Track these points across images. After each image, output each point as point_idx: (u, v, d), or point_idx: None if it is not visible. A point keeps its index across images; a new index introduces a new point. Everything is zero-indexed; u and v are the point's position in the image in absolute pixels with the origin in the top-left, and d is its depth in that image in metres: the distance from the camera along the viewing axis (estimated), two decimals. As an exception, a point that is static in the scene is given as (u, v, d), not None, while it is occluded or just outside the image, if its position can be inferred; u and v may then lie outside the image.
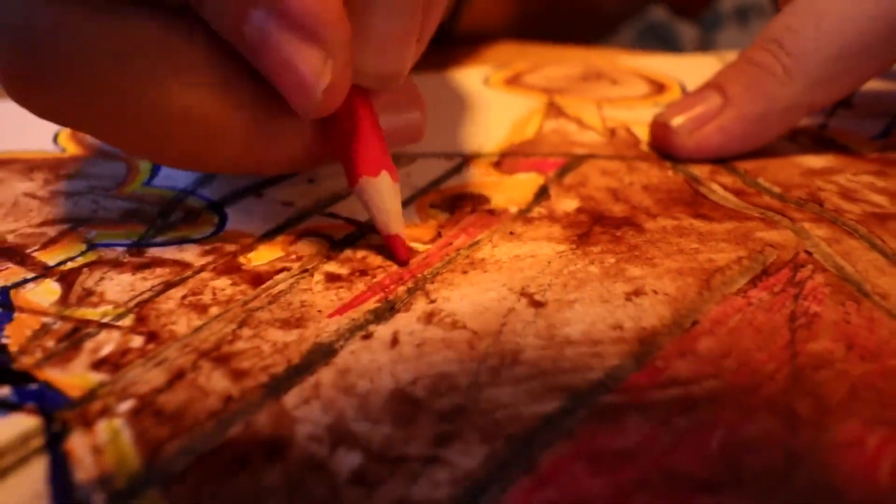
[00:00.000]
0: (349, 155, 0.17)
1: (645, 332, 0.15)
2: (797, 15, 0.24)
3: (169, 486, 0.11)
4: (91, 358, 0.15)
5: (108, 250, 0.19)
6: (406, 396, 0.13)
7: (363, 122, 0.17)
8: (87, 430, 0.13)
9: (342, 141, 0.17)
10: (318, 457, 0.12)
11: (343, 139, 0.17)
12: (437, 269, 0.18)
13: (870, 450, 0.12)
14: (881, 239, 0.19)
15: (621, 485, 0.11)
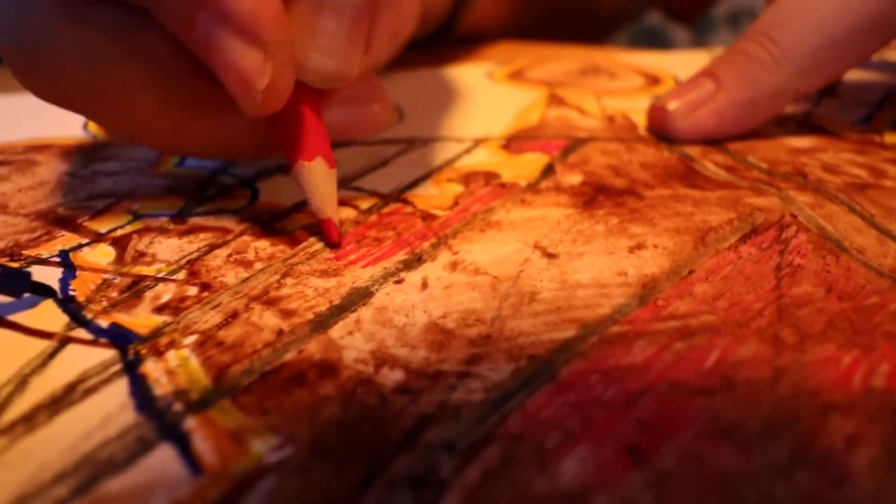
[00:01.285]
0: (288, 142, 0.19)
1: (647, 278, 0.17)
2: (784, 10, 0.26)
3: (237, 397, 0.14)
4: (152, 304, 0.17)
5: (152, 220, 0.21)
6: (438, 327, 0.15)
7: (302, 111, 0.19)
8: (158, 358, 0.15)
9: (283, 129, 0.19)
10: (365, 374, 0.14)
11: (283, 127, 0.19)
12: (456, 228, 0.20)
13: (844, 365, 0.14)
14: (860, 204, 0.21)
15: (629, 391, 0.13)
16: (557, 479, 0.11)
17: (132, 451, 0.12)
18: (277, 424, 0.13)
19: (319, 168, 0.19)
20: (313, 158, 0.19)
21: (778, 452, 0.12)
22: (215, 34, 0.16)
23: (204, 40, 0.16)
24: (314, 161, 0.19)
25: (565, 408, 0.13)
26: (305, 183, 0.19)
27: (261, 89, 0.17)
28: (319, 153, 0.19)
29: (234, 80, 0.17)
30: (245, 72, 0.16)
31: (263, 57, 0.16)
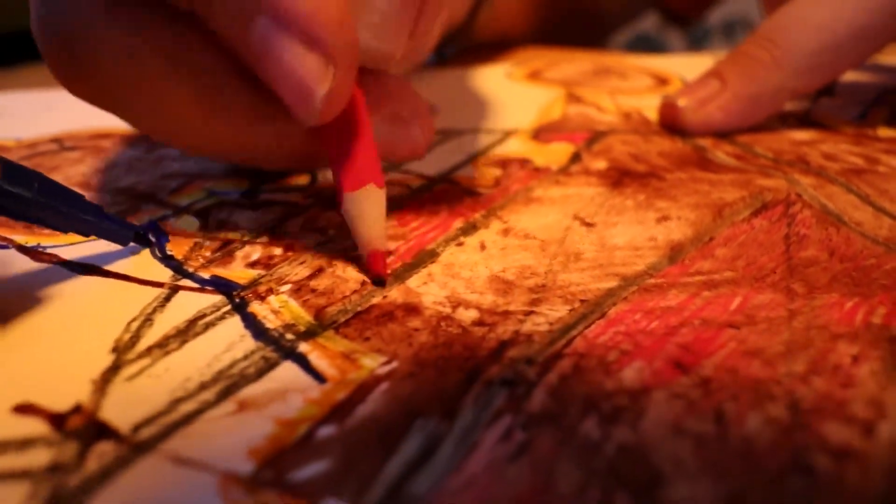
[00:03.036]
0: (334, 162, 0.18)
1: (674, 242, 0.20)
2: (785, 17, 0.29)
3: (338, 329, 0.16)
4: (244, 261, 0.20)
5: (224, 196, 0.24)
6: (500, 279, 0.18)
7: (357, 133, 0.18)
8: (261, 301, 0.18)
9: (332, 153, 0.19)
10: (444, 312, 0.17)
11: (333, 152, 0.18)
12: (502, 203, 0.23)
13: (848, 308, 0.17)
14: (857, 186, 0.24)
15: (669, 324, 0.16)
16: (621, 381, 0.14)
17: (260, 367, 0.15)
18: (379, 347, 0.15)
19: (373, 197, 0.18)
20: (361, 187, 0.18)
21: (797, 366, 0.15)
22: (273, 39, 0.15)
23: (260, 46, 0.16)
24: (362, 190, 0.18)
25: (618, 336, 0.16)
26: (356, 214, 0.18)
27: (321, 97, 0.16)
28: (369, 179, 0.18)
29: (291, 87, 0.16)
30: (305, 79, 0.16)
31: (325, 62, 0.16)
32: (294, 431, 0.13)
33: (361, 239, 0.18)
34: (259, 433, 0.13)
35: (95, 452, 0.13)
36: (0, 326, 0.16)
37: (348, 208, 0.18)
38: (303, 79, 0.16)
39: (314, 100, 0.16)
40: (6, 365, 0.15)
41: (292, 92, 0.16)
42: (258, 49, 0.16)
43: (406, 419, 0.13)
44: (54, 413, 0.14)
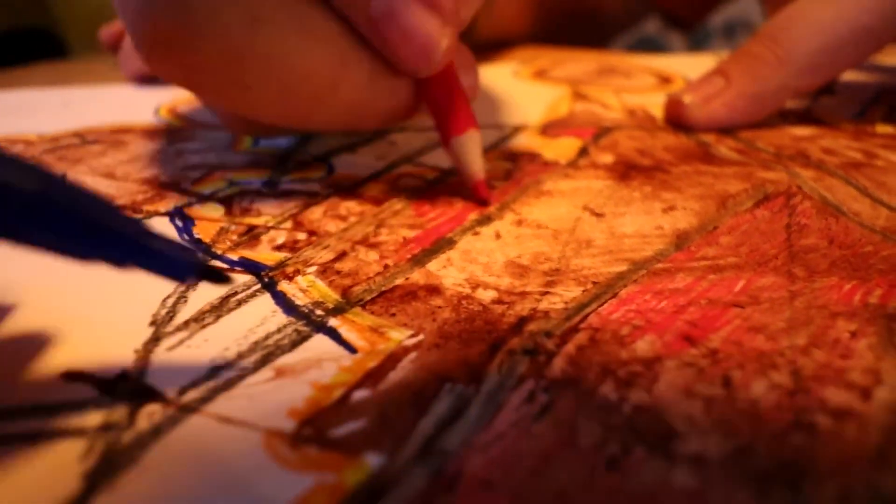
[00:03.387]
0: (442, 118, 0.22)
1: (680, 231, 0.22)
2: (788, 18, 0.31)
3: (365, 306, 0.18)
4: (270, 245, 0.21)
5: (246, 185, 0.25)
6: (515, 264, 0.20)
7: (454, 87, 0.22)
8: (289, 281, 0.19)
9: (437, 104, 0.22)
10: (464, 292, 0.18)
11: (437, 102, 0.22)
12: (514, 196, 0.24)
13: (846, 290, 0.19)
14: (855, 179, 0.26)
15: (677, 304, 0.18)
16: (635, 351, 0.15)
17: (293, 339, 0.16)
18: (405, 322, 0.17)
19: (471, 139, 0.22)
20: (465, 131, 0.22)
21: (798, 339, 0.16)
22: (399, 5, 0.19)
23: (384, 10, 0.19)
24: (466, 133, 0.22)
25: (629, 313, 0.17)
26: (466, 152, 0.22)
27: (442, 50, 0.20)
28: (470, 125, 0.22)
29: (415, 45, 0.20)
30: (429, 37, 0.19)
31: (443, 23, 0.19)
32: (330, 395, 0.14)
33: (468, 172, 0.23)
34: (297, 396, 0.14)
35: (144, 413, 0.14)
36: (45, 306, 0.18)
37: (456, 149, 0.22)
38: (429, 35, 0.19)
39: (437, 53, 0.20)
40: (54, 338, 0.16)
41: (417, 47, 0.20)
42: (381, 14, 0.19)
43: (435, 384, 0.14)
44: (102, 379, 0.15)
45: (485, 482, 0.12)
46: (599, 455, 0.12)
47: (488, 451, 0.12)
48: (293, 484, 0.12)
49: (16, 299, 0.18)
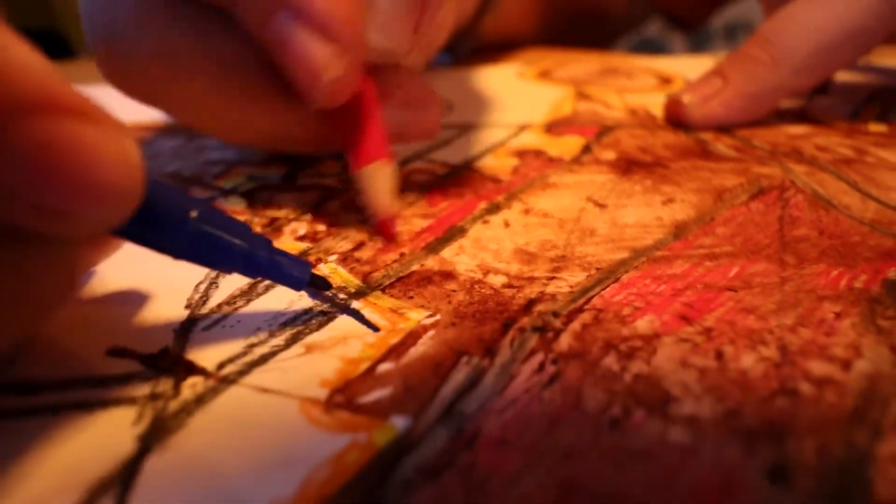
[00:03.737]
0: (348, 142, 0.21)
1: (678, 221, 0.23)
2: (783, 20, 0.32)
3: (384, 290, 0.19)
4: (293, 235, 0.22)
5: (265, 180, 0.26)
6: (524, 251, 0.21)
7: (367, 115, 0.21)
8: (312, 267, 0.20)
9: (343, 127, 0.21)
10: (476, 277, 0.20)
11: (344, 126, 0.21)
12: (521, 188, 0.25)
13: (833, 276, 0.20)
14: (846, 174, 0.27)
15: (675, 287, 0.19)
16: (636, 329, 0.17)
17: (320, 320, 0.18)
18: (423, 304, 0.18)
19: (381, 171, 0.21)
20: (374, 161, 0.21)
21: (787, 319, 0.17)
22: (291, 29, 0.18)
23: (279, 35, 0.18)
24: (374, 165, 0.21)
25: (630, 296, 0.19)
26: (367, 187, 0.21)
27: (328, 81, 0.19)
28: (380, 155, 0.21)
29: (303, 72, 0.19)
30: (315, 65, 0.18)
31: (336, 51, 0.18)
32: (357, 367, 0.16)
33: (372, 206, 0.21)
34: (327, 368, 0.15)
35: (188, 384, 0.15)
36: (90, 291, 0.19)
37: (359, 182, 0.21)
38: (313, 65, 0.18)
39: (322, 84, 0.19)
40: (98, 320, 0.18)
41: (304, 76, 0.19)
42: (277, 38, 0.18)
43: (453, 357, 0.16)
44: (145, 355, 0.16)
45: (500, 440, 0.13)
46: (603, 417, 0.14)
47: (503, 414, 0.14)
48: (330, 442, 0.13)
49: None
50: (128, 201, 0.12)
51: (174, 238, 0.15)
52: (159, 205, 0.14)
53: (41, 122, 0.11)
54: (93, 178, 0.11)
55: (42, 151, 0.11)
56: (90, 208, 0.11)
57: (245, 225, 0.16)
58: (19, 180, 0.10)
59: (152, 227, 0.14)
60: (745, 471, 0.12)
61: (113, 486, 0.13)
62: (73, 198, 0.11)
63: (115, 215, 0.12)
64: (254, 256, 0.16)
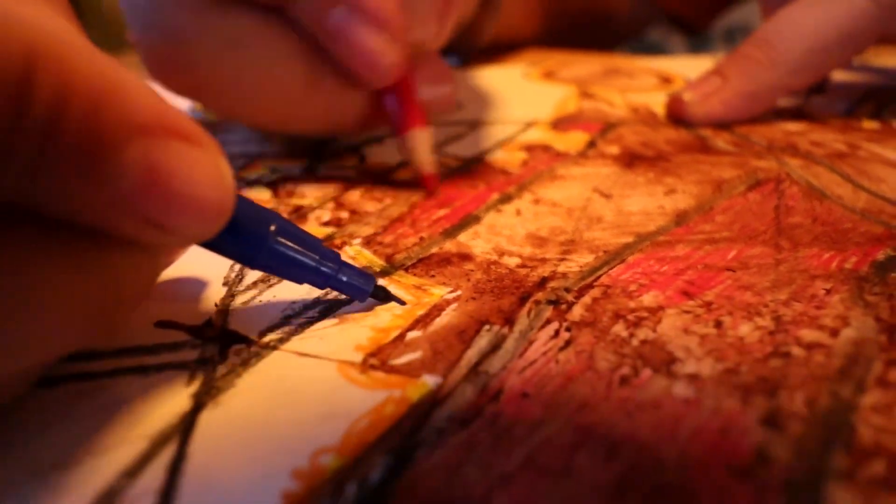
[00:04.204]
0: (396, 114, 0.25)
1: (680, 210, 0.25)
2: (780, 21, 0.34)
3: (407, 269, 0.21)
4: (317, 221, 0.24)
5: (287, 172, 0.28)
6: (535, 236, 0.23)
7: (408, 91, 0.25)
8: (338, 250, 0.22)
9: (392, 106, 0.25)
10: (492, 259, 0.21)
11: (393, 104, 0.25)
12: (531, 179, 0.27)
13: (825, 258, 0.22)
14: (839, 167, 0.29)
15: (678, 268, 0.21)
16: (641, 302, 0.18)
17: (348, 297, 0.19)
18: (444, 281, 0.20)
19: (423, 134, 0.25)
20: (418, 127, 0.25)
21: (781, 295, 0.19)
22: (348, 24, 0.22)
23: (337, 27, 0.22)
24: (418, 129, 0.25)
25: (636, 275, 0.20)
26: (413, 147, 0.25)
27: (385, 65, 0.23)
28: (423, 122, 0.25)
29: (363, 60, 0.22)
30: (375, 52, 0.22)
31: (389, 40, 0.22)
32: (388, 335, 0.17)
33: (417, 164, 0.25)
34: (360, 336, 0.17)
35: (233, 351, 0.17)
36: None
37: (407, 143, 0.25)
38: (372, 52, 0.22)
39: (382, 67, 0.22)
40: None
41: (364, 62, 0.22)
42: (336, 30, 0.22)
43: (475, 325, 0.17)
44: (191, 326, 0.18)
45: (522, 394, 0.15)
46: (614, 375, 0.15)
47: (524, 373, 0.15)
48: (368, 398, 0.15)
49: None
50: (221, 217, 0.13)
51: (255, 251, 0.16)
52: (242, 219, 0.15)
53: (152, 143, 0.12)
54: (194, 195, 0.12)
55: (152, 169, 0.12)
56: (189, 223, 0.13)
57: (315, 238, 0.17)
58: (132, 195, 0.12)
59: (236, 239, 0.16)
60: (743, 418, 0.14)
61: (173, 438, 0.14)
62: (175, 213, 0.12)
63: (208, 229, 0.13)
64: (324, 269, 0.17)
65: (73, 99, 0.11)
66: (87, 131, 0.11)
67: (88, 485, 0.13)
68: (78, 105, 0.11)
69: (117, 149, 0.12)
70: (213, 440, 0.14)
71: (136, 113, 0.12)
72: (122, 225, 0.12)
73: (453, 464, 0.13)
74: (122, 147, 0.12)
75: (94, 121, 0.11)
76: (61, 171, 0.11)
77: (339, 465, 0.13)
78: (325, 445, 0.14)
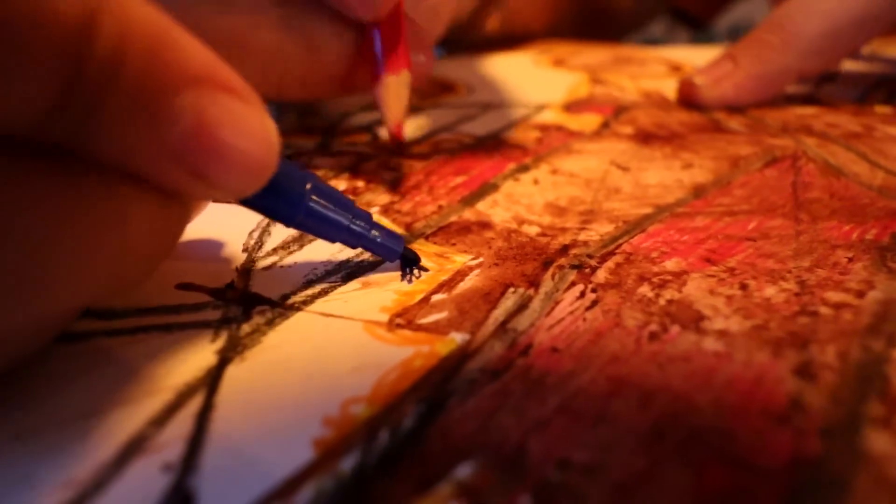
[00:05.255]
0: (381, 55, 0.23)
1: (697, 184, 0.25)
2: (792, 6, 0.34)
3: (427, 237, 0.21)
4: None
5: (300, 149, 0.28)
6: (554, 205, 0.23)
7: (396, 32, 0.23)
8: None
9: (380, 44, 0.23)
10: (512, 227, 0.21)
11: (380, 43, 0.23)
12: (547, 152, 0.27)
13: (845, 230, 0.22)
14: (855, 146, 0.29)
15: (698, 238, 0.21)
16: (665, 267, 0.18)
17: (371, 261, 0.19)
18: (464, 249, 0.20)
19: (401, 80, 0.24)
20: (399, 71, 0.24)
21: (804, 262, 0.19)
22: None
23: None
24: (400, 73, 0.24)
25: (657, 243, 0.20)
26: (386, 95, 0.24)
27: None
28: (405, 65, 0.24)
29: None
30: None
31: None
32: (413, 297, 0.17)
33: (388, 114, 0.24)
34: (385, 299, 0.17)
35: (257, 311, 0.17)
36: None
37: (382, 90, 0.23)
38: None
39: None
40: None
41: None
42: None
43: (500, 288, 0.17)
44: (213, 289, 0.18)
45: (552, 348, 0.15)
46: (643, 332, 0.15)
47: (552, 330, 0.15)
48: (396, 352, 0.15)
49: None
50: (264, 173, 0.13)
51: (292, 210, 0.16)
52: (282, 178, 0.15)
53: (203, 94, 0.12)
54: (240, 148, 0.12)
55: (202, 119, 0.12)
56: (233, 177, 0.13)
57: (348, 199, 0.17)
58: (182, 143, 0.12)
59: (275, 198, 0.15)
60: (775, 369, 0.14)
61: (200, 390, 0.14)
62: (221, 165, 0.12)
63: (252, 184, 0.13)
64: (356, 229, 0.17)
65: (132, 46, 0.11)
66: (143, 78, 0.11)
67: (116, 433, 0.13)
68: (137, 52, 0.11)
69: (171, 97, 0.12)
70: (240, 392, 0.14)
71: (189, 63, 0.12)
72: (170, 175, 0.12)
73: (487, 411, 0.13)
74: (175, 96, 0.12)
75: (150, 68, 0.11)
76: (117, 116, 0.11)
77: (371, 413, 0.13)
78: (355, 395, 0.14)
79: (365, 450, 0.12)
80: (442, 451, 0.12)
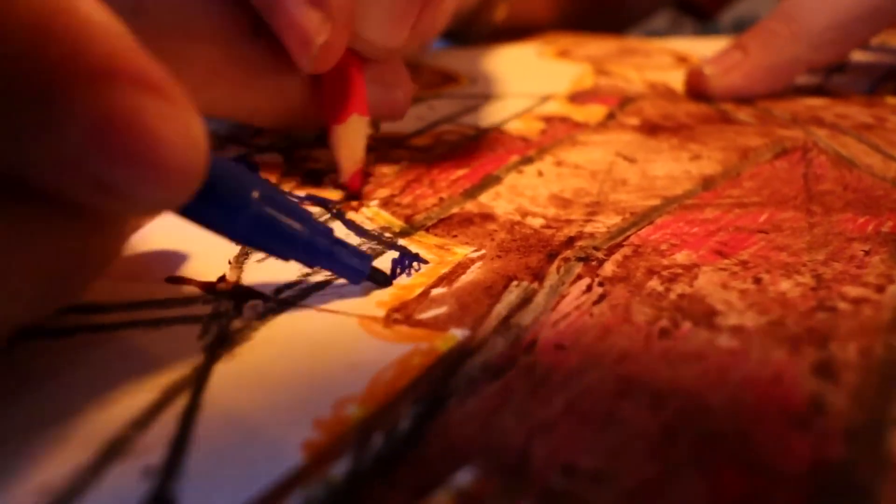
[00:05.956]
0: (331, 103, 0.22)
1: (706, 175, 0.24)
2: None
3: (428, 230, 0.20)
4: (333, 185, 0.23)
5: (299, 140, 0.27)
6: (559, 197, 0.22)
7: (349, 81, 0.22)
8: (355, 212, 0.21)
9: (327, 99, 0.22)
10: (515, 219, 0.20)
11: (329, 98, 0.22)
12: (552, 144, 0.26)
13: (860, 222, 0.21)
14: (867, 138, 0.28)
15: (708, 230, 0.20)
16: (675, 260, 0.18)
17: (373, 252, 0.18)
18: (467, 241, 0.19)
19: (354, 124, 0.22)
20: (349, 117, 0.22)
21: (819, 255, 0.18)
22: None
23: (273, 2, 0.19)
24: (351, 119, 0.22)
25: (666, 235, 0.19)
26: (339, 142, 0.22)
27: (318, 45, 0.19)
28: (358, 110, 0.22)
29: (294, 36, 0.19)
30: (306, 30, 0.19)
31: (324, 18, 0.19)
32: (412, 291, 0.16)
33: (343, 161, 0.22)
34: (383, 293, 0.16)
35: (248, 306, 0.16)
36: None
37: (334, 138, 0.22)
38: (305, 29, 0.19)
39: (313, 47, 0.20)
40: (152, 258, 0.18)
41: (296, 39, 0.20)
42: (269, 3, 0.19)
43: (503, 281, 0.16)
44: (204, 282, 0.17)
45: (558, 345, 0.14)
46: (653, 328, 0.14)
47: (557, 325, 0.15)
48: (393, 349, 0.14)
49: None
50: (189, 182, 0.11)
51: (234, 220, 0.14)
52: (220, 184, 0.13)
53: (104, 92, 0.10)
54: (154, 156, 0.10)
55: (106, 120, 0.10)
56: (150, 188, 0.11)
57: (306, 210, 0.15)
58: (80, 151, 0.10)
59: (212, 207, 0.13)
60: (793, 368, 0.13)
61: (186, 388, 0.13)
62: (132, 176, 0.10)
63: (175, 196, 0.11)
64: (314, 244, 0.15)
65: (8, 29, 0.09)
66: (26, 71, 0.10)
67: (94, 435, 0.12)
68: (15, 37, 0.09)
69: (66, 94, 0.10)
70: (228, 391, 0.13)
71: (90, 53, 0.10)
72: (72, 187, 0.11)
73: (488, 412, 0.12)
74: (72, 92, 0.10)
75: (36, 59, 0.10)
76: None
77: (364, 414, 0.12)
78: (348, 395, 0.13)
79: (358, 454, 0.11)
80: (440, 455, 0.11)
